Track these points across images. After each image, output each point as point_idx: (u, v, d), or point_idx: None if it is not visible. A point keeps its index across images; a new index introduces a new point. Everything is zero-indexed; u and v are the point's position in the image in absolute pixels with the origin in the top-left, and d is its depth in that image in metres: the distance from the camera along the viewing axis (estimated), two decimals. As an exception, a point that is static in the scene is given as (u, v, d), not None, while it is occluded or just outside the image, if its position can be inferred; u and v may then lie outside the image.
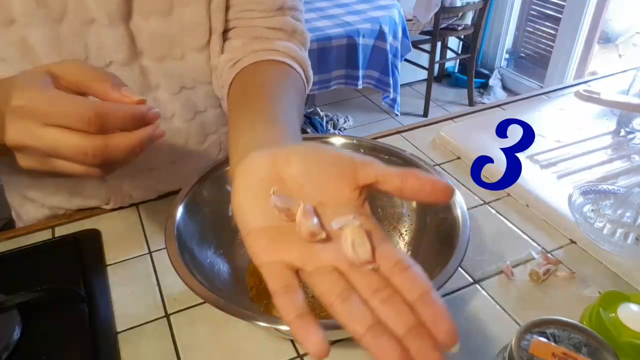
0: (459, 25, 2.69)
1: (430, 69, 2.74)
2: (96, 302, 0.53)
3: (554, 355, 0.33)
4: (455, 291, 0.54)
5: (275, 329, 0.40)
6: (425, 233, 0.56)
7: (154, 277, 0.56)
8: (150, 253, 0.60)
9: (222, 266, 0.53)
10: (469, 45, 2.85)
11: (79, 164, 0.36)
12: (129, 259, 0.59)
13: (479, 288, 0.55)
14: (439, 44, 2.81)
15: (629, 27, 2.62)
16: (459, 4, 2.54)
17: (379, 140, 0.62)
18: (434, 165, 0.74)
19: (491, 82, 3.14)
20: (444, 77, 3.30)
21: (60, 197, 0.65)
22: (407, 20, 2.49)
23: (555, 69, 2.79)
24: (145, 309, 0.53)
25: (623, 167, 0.71)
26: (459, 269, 0.49)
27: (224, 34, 0.60)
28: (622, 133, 0.80)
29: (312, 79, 0.63)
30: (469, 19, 2.75)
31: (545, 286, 0.55)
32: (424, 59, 2.79)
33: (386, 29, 2.24)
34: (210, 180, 0.55)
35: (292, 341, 0.49)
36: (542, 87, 2.82)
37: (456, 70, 3.33)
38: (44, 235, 0.63)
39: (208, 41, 0.59)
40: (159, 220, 0.65)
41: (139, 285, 0.55)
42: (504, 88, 3.15)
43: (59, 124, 0.34)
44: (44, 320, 0.50)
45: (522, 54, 3.11)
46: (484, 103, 2.63)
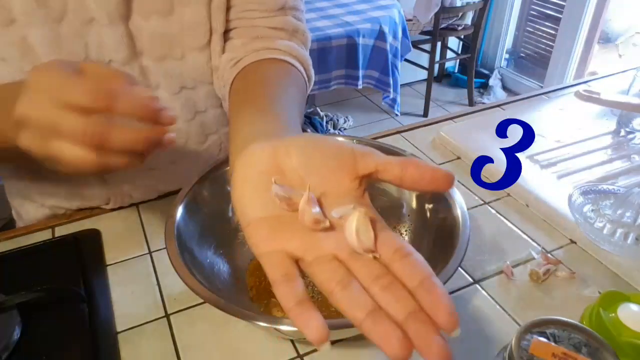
0: (459, 25, 2.69)
1: (430, 69, 2.74)
2: (96, 302, 0.53)
3: (554, 355, 0.33)
4: (455, 291, 0.54)
5: (275, 329, 0.40)
6: (425, 233, 0.56)
7: (154, 277, 0.56)
8: (150, 253, 0.60)
9: (222, 266, 0.53)
10: (469, 45, 2.85)
11: (76, 147, 0.34)
12: (129, 259, 0.59)
13: (479, 288, 0.55)
14: (439, 44, 2.81)
15: (629, 27, 2.62)
16: (459, 4, 2.54)
17: (379, 140, 0.62)
18: (434, 165, 0.74)
19: (491, 82, 3.14)
20: (444, 77, 3.30)
21: (60, 197, 0.65)
22: (407, 20, 2.49)
23: (555, 69, 2.79)
24: (145, 309, 0.53)
25: (623, 167, 0.71)
26: (459, 269, 0.49)
27: (226, 34, 0.60)
28: (622, 133, 0.79)
29: (314, 78, 0.64)
30: (469, 19, 2.75)
31: (545, 286, 0.55)
32: (424, 59, 2.79)
33: (386, 29, 2.24)
34: (210, 180, 0.55)
35: (292, 341, 0.49)
36: (542, 87, 2.82)
37: (456, 70, 3.33)
38: (44, 235, 0.63)
39: (208, 41, 0.59)
40: (159, 220, 0.65)
41: (139, 285, 0.55)
42: (504, 88, 3.15)
43: (67, 99, 0.33)
44: (44, 320, 0.50)
45: (522, 54, 3.11)
46: (484, 103, 2.63)
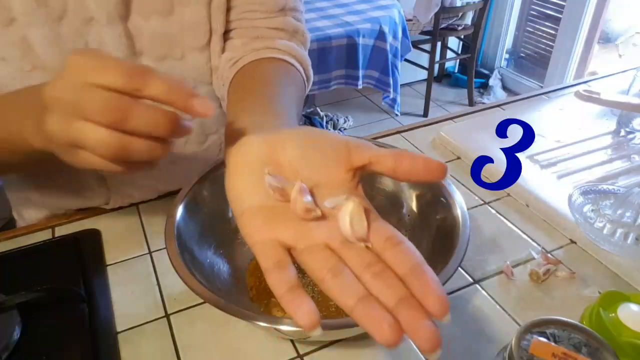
0: (459, 25, 2.69)
1: (430, 69, 2.74)
2: (96, 302, 0.53)
3: (554, 355, 0.33)
4: (455, 291, 0.54)
5: (275, 329, 0.40)
6: (425, 233, 0.56)
7: (154, 277, 0.56)
8: (150, 253, 0.60)
9: (222, 266, 0.53)
10: (469, 45, 2.85)
11: (99, 128, 0.32)
12: (129, 259, 0.59)
13: (479, 288, 0.55)
14: (439, 44, 2.81)
15: (629, 27, 2.62)
16: (459, 4, 2.54)
17: (379, 140, 0.62)
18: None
19: (491, 82, 3.14)
20: (444, 77, 3.30)
21: (60, 197, 0.65)
22: (407, 20, 2.49)
23: (555, 69, 2.79)
24: (145, 309, 0.53)
25: (623, 167, 0.71)
26: (459, 269, 0.49)
27: (226, 34, 0.60)
28: (622, 133, 0.79)
29: (312, 78, 0.64)
30: (469, 19, 2.74)
31: (545, 286, 0.55)
32: (424, 59, 2.79)
33: (386, 29, 2.24)
34: (210, 180, 0.55)
35: (292, 341, 0.49)
36: (542, 87, 2.82)
37: (456, 70, 3.33)
38: (44, 235, 0.62)
39: (208, 41, 0.59)
40: (159, 220, 0.65)
41: (139, 285, 0.55)
42: (504, 88, 3.15)
43: (98, 79, 0.30)
44: (44, 320, 0.50)
45: (522, 54, 3.10)
46: (484, 103, 2.63)
